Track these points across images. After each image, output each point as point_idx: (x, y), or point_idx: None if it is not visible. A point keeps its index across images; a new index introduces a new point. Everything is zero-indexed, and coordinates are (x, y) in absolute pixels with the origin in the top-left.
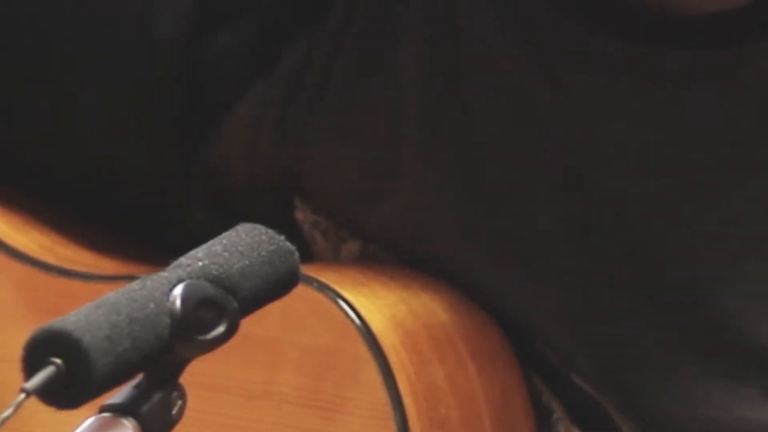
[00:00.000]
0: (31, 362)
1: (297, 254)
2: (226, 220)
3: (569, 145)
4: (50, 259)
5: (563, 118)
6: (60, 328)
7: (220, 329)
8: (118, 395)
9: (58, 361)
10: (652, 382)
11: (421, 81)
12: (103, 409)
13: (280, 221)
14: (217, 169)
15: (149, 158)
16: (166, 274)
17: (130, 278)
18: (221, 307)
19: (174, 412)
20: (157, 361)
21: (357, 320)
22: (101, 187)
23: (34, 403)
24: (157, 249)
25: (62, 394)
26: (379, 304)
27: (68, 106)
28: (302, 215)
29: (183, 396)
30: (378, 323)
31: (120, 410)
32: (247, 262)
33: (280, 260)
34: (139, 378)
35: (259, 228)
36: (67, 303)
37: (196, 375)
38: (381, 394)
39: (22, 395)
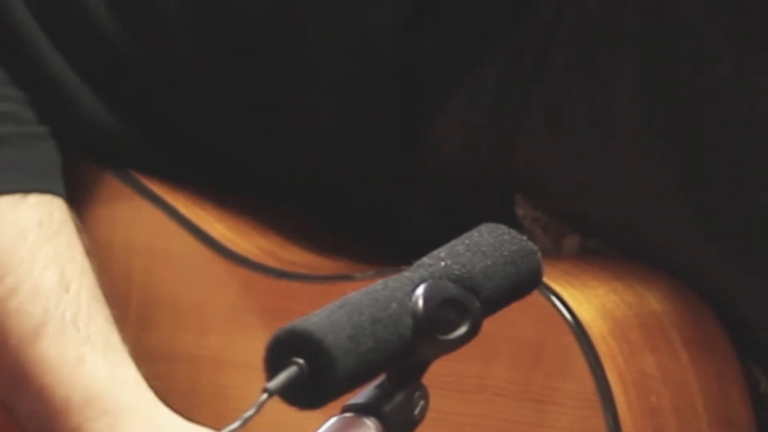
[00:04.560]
0: (274, 362)
1: (539, 254)
2: (448, 218)
3: None
4: (272, 263)
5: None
6: (303, 328)
7: (463, 329)
8: (360, 395)
9: (300, 361)
10: None
11: (635, 74)
12: (345, 409)
13: (501, 218)
14: (436, 165)
15: (368, 156)
16: (409, 274)
17: (347, 278)
18: (464, 307)
19: (416, 412)
20: (399, 361)
21: (565, 311)
22: (322, 189)
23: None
24: (378, 249)
25: (304, 394)
26: (589, 295)
27: (287, 109)
28: (522, 211)
29: (425, 396)
30: (586, 313)
31: (362, 410)
32: (489, 262)
33: (523, 260)
34: (381, 378)
35: (502, 228)
36: (288, 306)
37: None
38: (590, 384)
39: (265, 395)
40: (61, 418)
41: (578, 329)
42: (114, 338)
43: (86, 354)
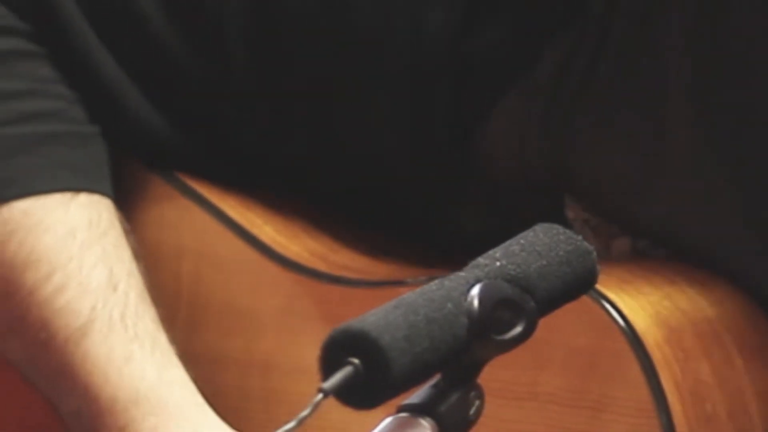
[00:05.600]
0: (329, 362)
1: (594, 254)
2: (499, 219)
3: None
4: (322, 267)
5: None
6: (358, 328)
7: (518, 329)
8: (415, 395)
9: (356, 360)
10: None
11: (689, 75)
12: (400, 409)
13: (551, 219)
14: (488, 166)
15: (420, 156)
16: (464, 274)
17: (399, 283)
18: (519, 308)
19: (471, 412)
20: (454, 361)
21: (620, 319)
22: (373, 189)
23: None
24: (429, 251)
25: (360, 394)
26: (643, 302)
27: (338, 110)
28: (572, 213)
29: (481, 396)
30: (641, 321)
31: (418, 410)
32: (544, 262)
33: (578, 260)
34: (436, 378)
35: (557, 228)
36: (339, 311)
37: None
38: (645, 392)
39: (320, 395)
40: (107, 418)
41: (633, 337)
42: (161, 338)
43: (134, 352)
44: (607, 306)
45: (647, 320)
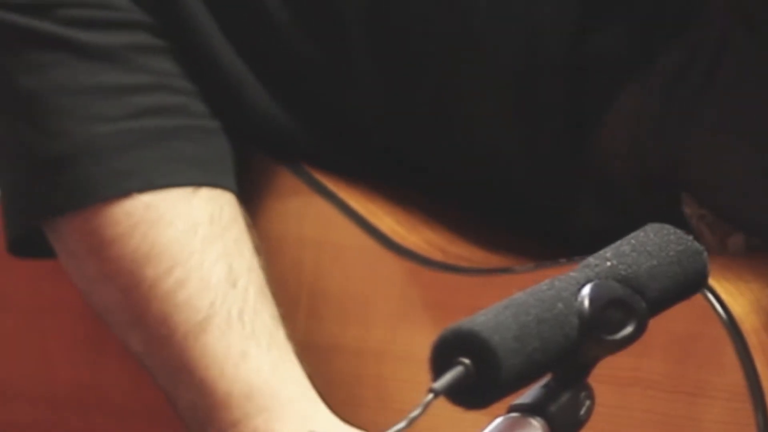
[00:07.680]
0: (440, 362)
1: (706, 254)
2: (614, 215)
3: None
4: (440, 257)
5: None
6: (469, 329)
7: (629, 329)
8: (526, 395)
9: (466, 361)
10: None
11: None
12: (511, 409)
13: (668, 215)
14: (603, 164)
15: (535, 154)
16: (575, 274)
17: (508, 270)
18: (630, 308)
19: (582, 412)
20: (565, 361)
21: (717, 305)
22: (489, 185)
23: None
24: (545, 246)
25: (470, 395)
26: (743, 288)
27: (454, 101)
28: (689, 209)
29: (591, 396)
30: (739, 307)
31: (528, 410)
32: (655, 263)
33: (689, 260)
34: (546, 378)
35: (668, 228)
36: (452, 298)
37: None
38: (740, 377)
39: (431, 395)
40: (221, 411)
41: (729, 322)
42: (279, 335)
43: (250, 349)
44: (706, 292)
45: (746, 306)
